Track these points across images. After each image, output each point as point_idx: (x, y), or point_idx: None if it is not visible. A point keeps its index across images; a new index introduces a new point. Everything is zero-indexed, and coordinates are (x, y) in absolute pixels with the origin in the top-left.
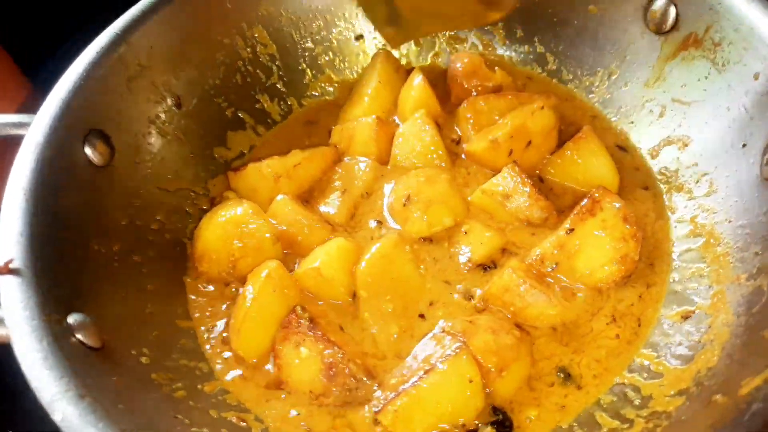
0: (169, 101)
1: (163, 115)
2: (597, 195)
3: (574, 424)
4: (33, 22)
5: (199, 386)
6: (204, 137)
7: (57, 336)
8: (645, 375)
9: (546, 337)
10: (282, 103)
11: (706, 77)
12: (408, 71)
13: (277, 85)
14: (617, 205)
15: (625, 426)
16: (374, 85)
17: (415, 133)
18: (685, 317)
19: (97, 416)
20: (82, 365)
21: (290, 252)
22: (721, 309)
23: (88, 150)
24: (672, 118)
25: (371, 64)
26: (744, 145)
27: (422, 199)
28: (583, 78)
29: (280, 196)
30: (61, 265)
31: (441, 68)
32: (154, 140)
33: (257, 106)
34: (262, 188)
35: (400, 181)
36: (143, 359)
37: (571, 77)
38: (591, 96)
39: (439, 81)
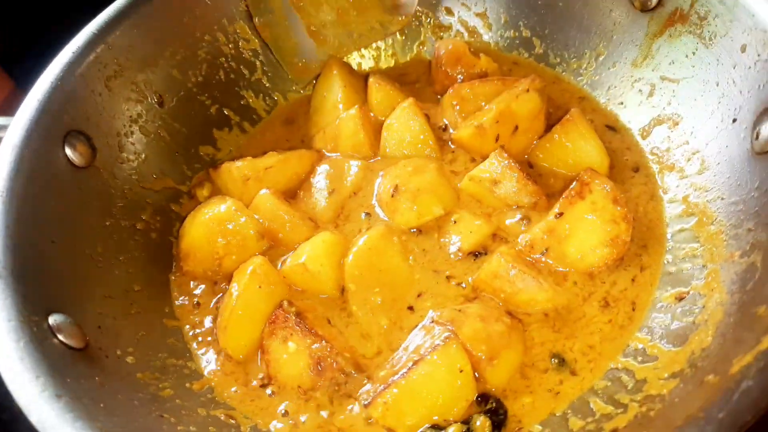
0: (150, 100)
1: (145, 114)
2: (586, 177)
3: (568, 410)
4: (10, 18)
5: (187, 385)
6: (189, 135)
7: (35, 337)
8: (639, 359)
9: (538, 324)
10: (267, 98)
11: (693, 53)
12: (364, 76)
13: (262, 81)
14: (606, 187)
15: (619, 411)
16: (342, 91)
17: (404, 123)
18: (680, 298)
19: (74, 415)
20: (62, 365)
21: (274, 244)
22: (715, 288)
23: (68, 151)
24: (661, 96)
25: (326, 73)
26: (734, 120)
27: (410, 188)
28: (571, 61)
29: (263, 191)
30: (41, 267)
31: (426, 59)
32: (137, 139)
33: (242, 102)
34: (232, 189)
35: (388, 172)
36: (129, 359)
37: (558, 60)
38: (579, 78)
39: (424, 70)
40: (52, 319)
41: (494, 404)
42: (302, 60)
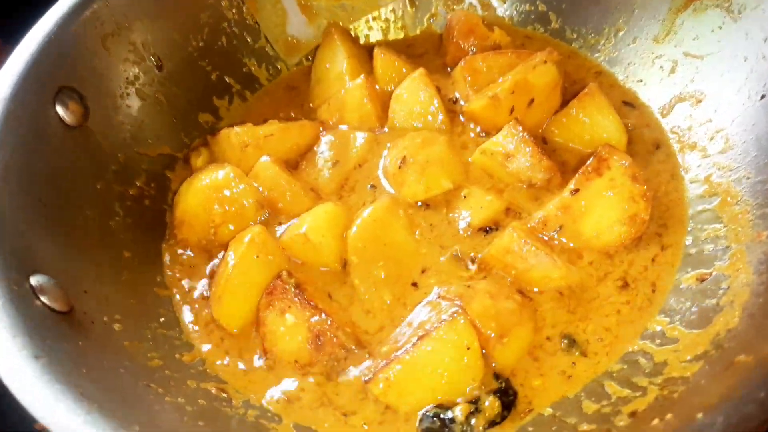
0: (148, 62)
1: (142, 77)
2: (604, 153)
3: (582, 393)
4: None
5: (177, 356)
6: (188, 101)
7: (14, 296)
8: (658, 341)
9: (550, 303)
10: (270, 67)
11: (720, 27)
12: (368, 47)
13: (266, 49)
14: (625, 163)
15: (637, 394)
16: (347, 61)
17: (413, 94)
18: (701, 280)
19: (53, 378)
20: (43, 327)
21: (272, 213)
22: (740, 269)
23: (59, 109)
24: (684, 73)
25: (327, 42)
26: (762, 97)
27: (419, 160)
28: (588, 36)
29: (264, 158)
30: (26, 226)
31: (436, 32)
32: (133, 102)
33: (244, 69)
34: (230, 156)
35: (396, 143)
36: (116, 326)
37: (575, 36)
38: (596, 55)
39: (433, 43)
40: (35, 280)
41: (503, 384)
42: (291, 36)
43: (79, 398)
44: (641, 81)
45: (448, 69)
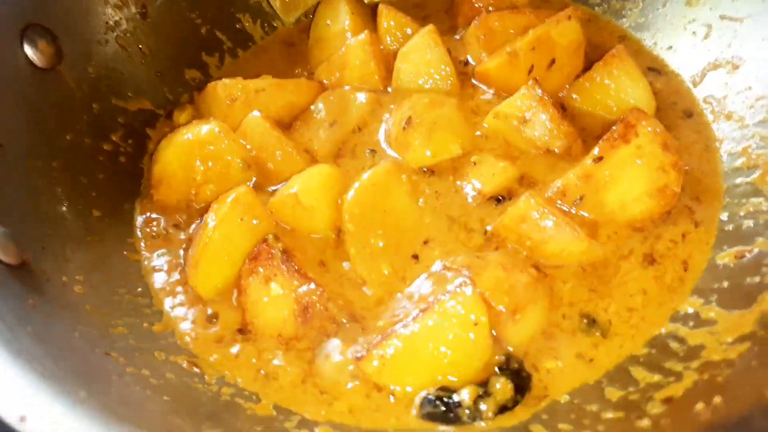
0: (132, 9)
1: (124, 23)
2: (631, 118)
3: (603, 379)
4: None
5: (145, 325)
6: (174, 56)
7: None
8: (691, 323)
9: (568, 280)
10: (266, 25)
11: None
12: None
13: (262, 5)
14: (656, 129)
15: (671, 379)
16: (350, 18)
17: (421, 52)
18: (740, 257)
19: None
20: None
21: (260, 174)
22: None
23: (27, 47)
24: (720, 38)
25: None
26: None
27: (426, 122)
28: (612, 1)
29: (254, 113)
30: None
31: None
32: (113, 51)
33: (237, 26)
34: (216, 111)
35: (401, 104)
36: (77, 287)
37: (598, 0)
38: (621, 21)
39: (440, 6)
40: None
41: (516, 365)
42: None
43: (15, 355)
44: (671, 48)
45: (458, 32)
